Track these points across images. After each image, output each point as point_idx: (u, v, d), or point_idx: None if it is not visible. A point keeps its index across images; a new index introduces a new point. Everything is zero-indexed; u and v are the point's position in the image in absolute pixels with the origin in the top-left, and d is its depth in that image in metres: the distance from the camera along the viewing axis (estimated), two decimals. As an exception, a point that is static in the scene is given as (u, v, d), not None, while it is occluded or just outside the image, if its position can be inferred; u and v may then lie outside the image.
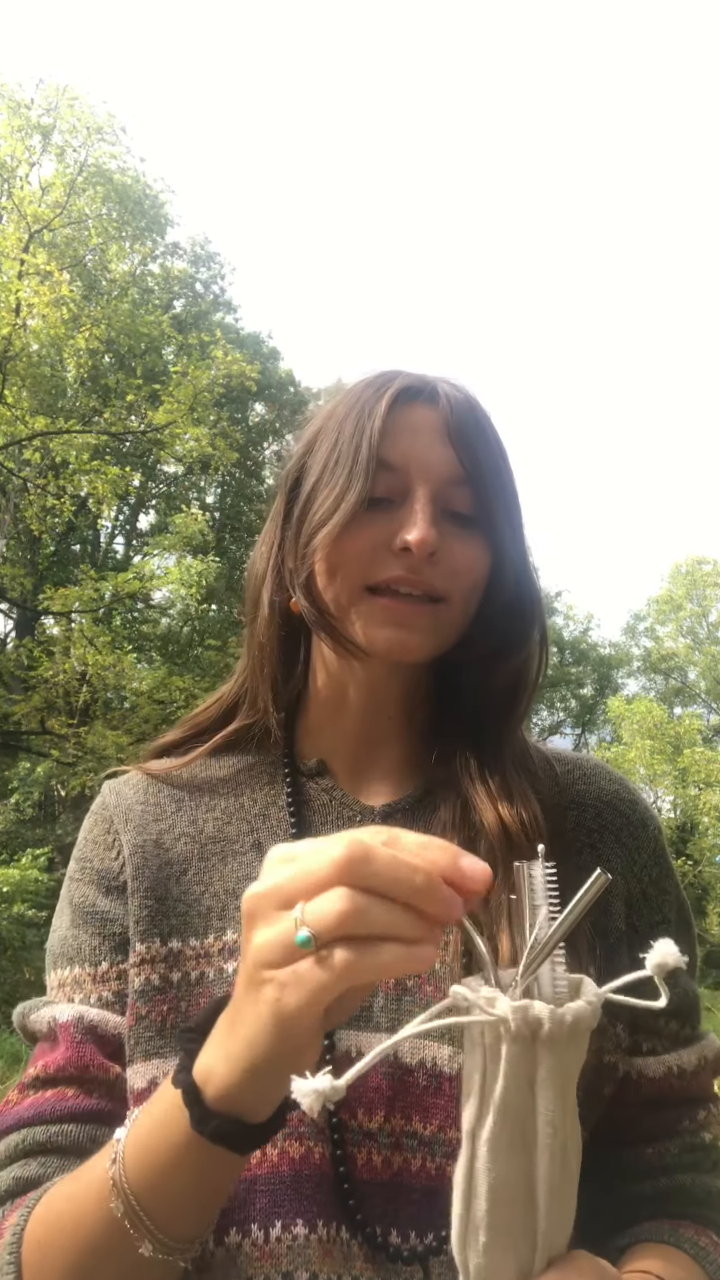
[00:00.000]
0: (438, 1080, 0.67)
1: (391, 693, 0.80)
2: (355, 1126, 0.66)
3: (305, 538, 0.76)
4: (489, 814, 0.73)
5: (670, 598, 28.59)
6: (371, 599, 0.73)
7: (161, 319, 14.38)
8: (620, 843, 0.79)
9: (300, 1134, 0.65)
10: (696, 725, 22.39)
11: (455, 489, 0.75)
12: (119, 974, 0.74)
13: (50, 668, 11.67)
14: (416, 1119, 0.67)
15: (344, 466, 0.74)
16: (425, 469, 0.74)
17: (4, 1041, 7.99)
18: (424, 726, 0.82)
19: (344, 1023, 0.68)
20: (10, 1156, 0.69)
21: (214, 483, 20.58)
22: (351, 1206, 0.64)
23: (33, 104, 12.41)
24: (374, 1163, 0.65)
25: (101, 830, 0.80)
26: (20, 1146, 0.69)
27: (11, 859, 11.32)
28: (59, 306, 11.23)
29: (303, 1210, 0.63)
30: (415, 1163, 0.66)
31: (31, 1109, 0.71)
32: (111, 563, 18.23)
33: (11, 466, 12.85)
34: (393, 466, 0.74)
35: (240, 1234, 0.63)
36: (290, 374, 20.66)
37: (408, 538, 0.71)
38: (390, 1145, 0.66)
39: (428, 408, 0.76)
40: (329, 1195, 0.64)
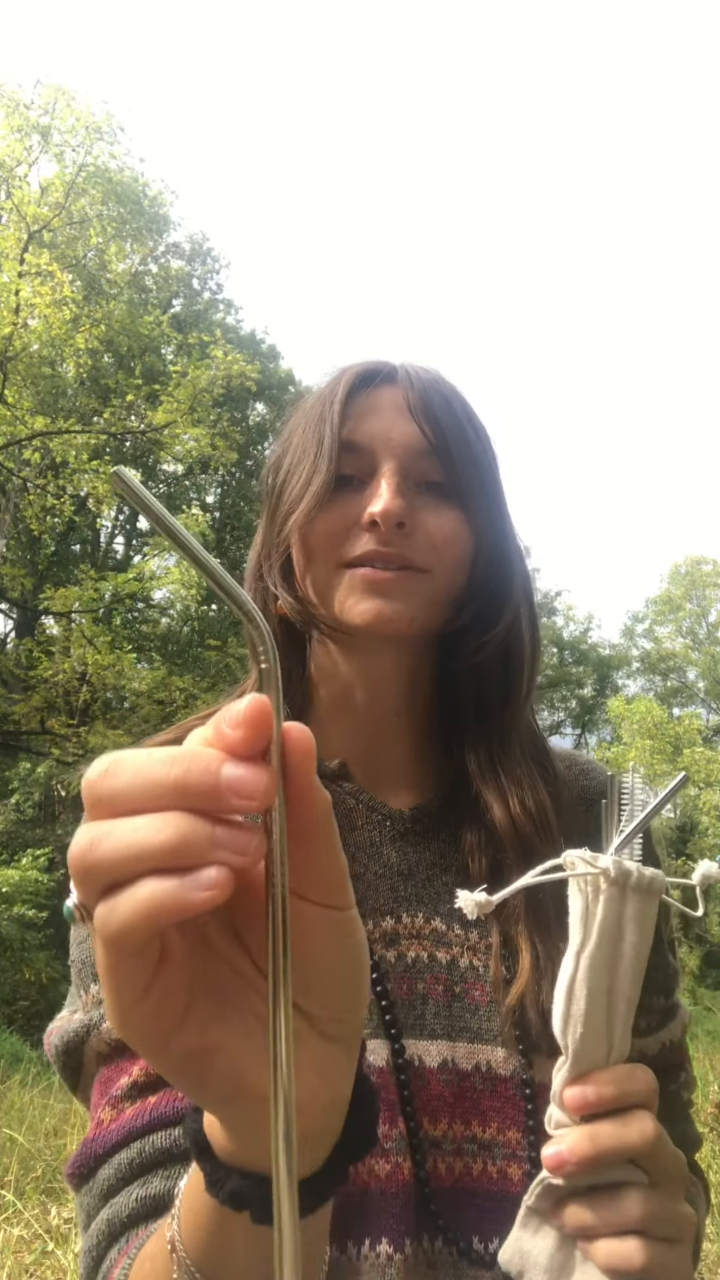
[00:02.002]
0: (494, 1083, 0.68)
1: (394, 685, 0.78)
2: (422, 1136, 0.66)
3: (278, 526, 0.77)
4: (498, 810, 0.73)
5: (669, 598, 28.60)
6: (346, 573, 0.73)
7: (161, 319, 14.39)
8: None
9: (386, 1151, 0.64)
10: (696, 725, 22.39)
11: (426, 460, 0.74)
12: None
13: (50, 668, 11.68)
14: (476, 1123, 0.67)
15: (309, 455, 0.75)
16: (389, 444, 0.74)
17: (4, 1041, 8.00)
18: (433, 723, 0.82)
19: (407, 1033, 0.69)
20: (126, 1176, 0.61)
21: (214, 483, 20.59)
22: (434, 1212, 0.64)
23: (31, 104, 12.42)
24: (439, 1170, 0.65)
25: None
26: (138, 1161, 0.62)
27: (11, 859, 11.33)
28: (60, 307, 11.24)
29: (387, 1229, 0.62)
30: (476, 1167, 0.66)
31: (140, 1117, 0.63)
32: (111, 563, 18.24)
33: (11, 466, 12.86)
34: (357, 447, 0.74)
35: (337, 1250, 0.61)
36: (290, 373, 20.68)
37: (373, 510, 0.71)
38: (453, 1152, 0.66)
39: (389, 387, 0.77)
40: (413, 1209, 0.63)
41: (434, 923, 0.74)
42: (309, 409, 0.79)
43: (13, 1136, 4.17)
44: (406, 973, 0.71)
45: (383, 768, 0.80)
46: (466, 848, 0.75)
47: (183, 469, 18.54)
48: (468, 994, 0.71)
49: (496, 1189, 0.66)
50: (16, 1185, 3.59)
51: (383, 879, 0.75)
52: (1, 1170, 3.76)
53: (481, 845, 0.74)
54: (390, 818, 0.77)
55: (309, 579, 0.75)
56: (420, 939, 0.73)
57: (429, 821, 0.78)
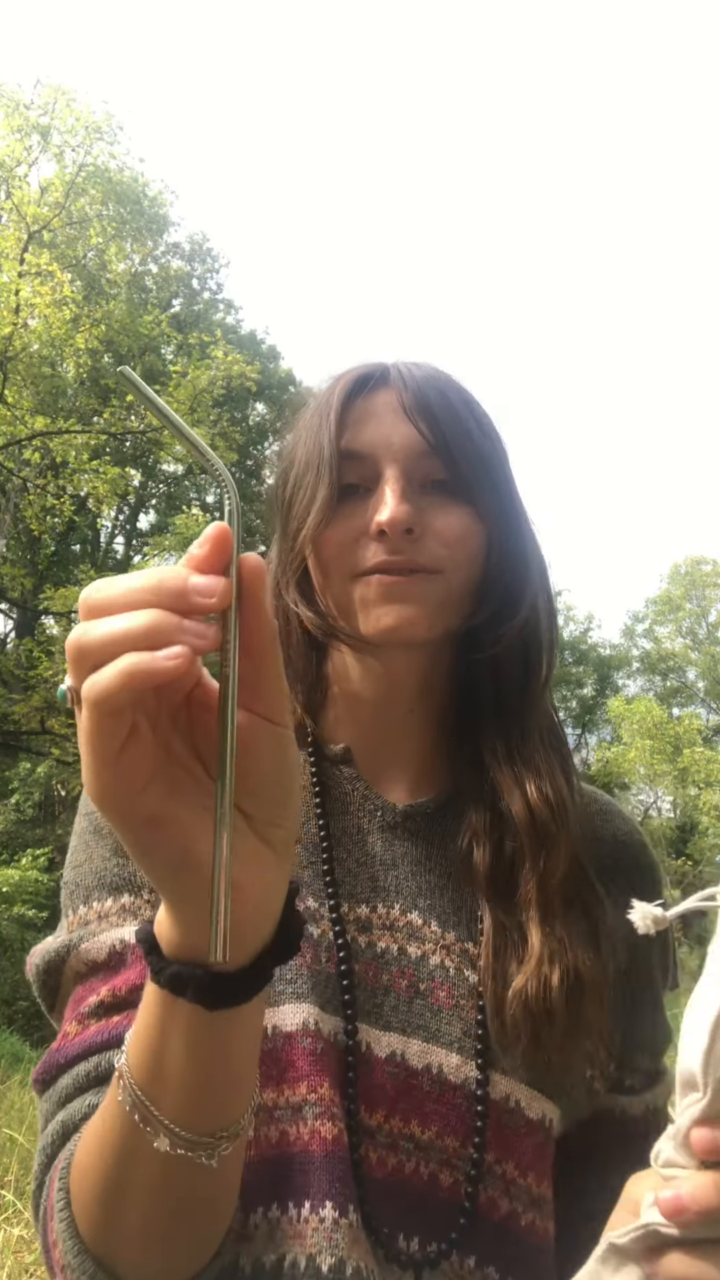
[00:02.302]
0: (441, 1087, 0.67)
1: (410, 685, 0.78)
2: (359, 1120, 0.66)
3: (290, 541, 0.77)
4: (516, 798, 0.73)
5: (669, 598, 28.60)
6: (361, 582, 0.73)
7: (161, 319, 14.38)
8: (631, 884, 0.79)
9: (332, 1115, 0.64)
10: (696, 725, 22.39)
11: (428, 460, 0.74)
12: None
13: (50, 668, 11.67)
14: (415, 1122, 0.66)
15: (312, 469, 0.74)
16: (389, 449, 0.73)
17: (4, 1041, 7.99)
18: (445, 719, 0.81)
19: (362, 1018, 0.69)
20: (81, 1086, 0.65)
21: (214, 483, 20.54)
22: (362, 1195, 0.64)
23: (31, 104, 12.42)
24: (370, 1159, 0.65)
25: None
26: (94, 1074, 0.65)
27: (12, 859, 11.33)
28: (60, 307, 11.23)
29: (332, 1193, 0.62)
30: (409, 1165, 0.66)
31: (101, 1034, 0.66)
32: (111, 563, 18.24)
33: (11, 466, 12.85)
34: (358, 454, 0.74)
35: (279, 1209, 0.62)
36: (290, 373, 20.67)
37: (379, 519, 0.71)
38: (386, 1145, 0.66)
39: (382, 391, 0.76)
40: (351, 1182, 0.64)
41: (410, 916, 0.73)
42: (308, 420, 0.78)
43: (13, 1136, 4.17)
44: (375, 961, 0.71)
45: (389, 761, 0.80)
46: (472, 833, 0.75)
47: (182, 469, 18.53)
48: (432, 993, 0.70)
49: (425, 1190, 0.65)
50: (16, 1185, 3.59)
51: (364, 866, 0.75)
52: (1, 1170, 3.77)
53: (489, 830, 0.74)
54: (382, 809, 0.77)
55: (328, 594, 0.75)
56: (393, 931, 0.73)
57: (421, 820, 0.78)
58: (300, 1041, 0.66)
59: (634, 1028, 0.76)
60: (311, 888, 0.73)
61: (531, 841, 0.71)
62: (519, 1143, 0.68)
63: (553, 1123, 0.70)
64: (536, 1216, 0.69)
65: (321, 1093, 0.65)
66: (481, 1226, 0.66)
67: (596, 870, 0.78)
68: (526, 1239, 0.68)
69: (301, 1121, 0.64)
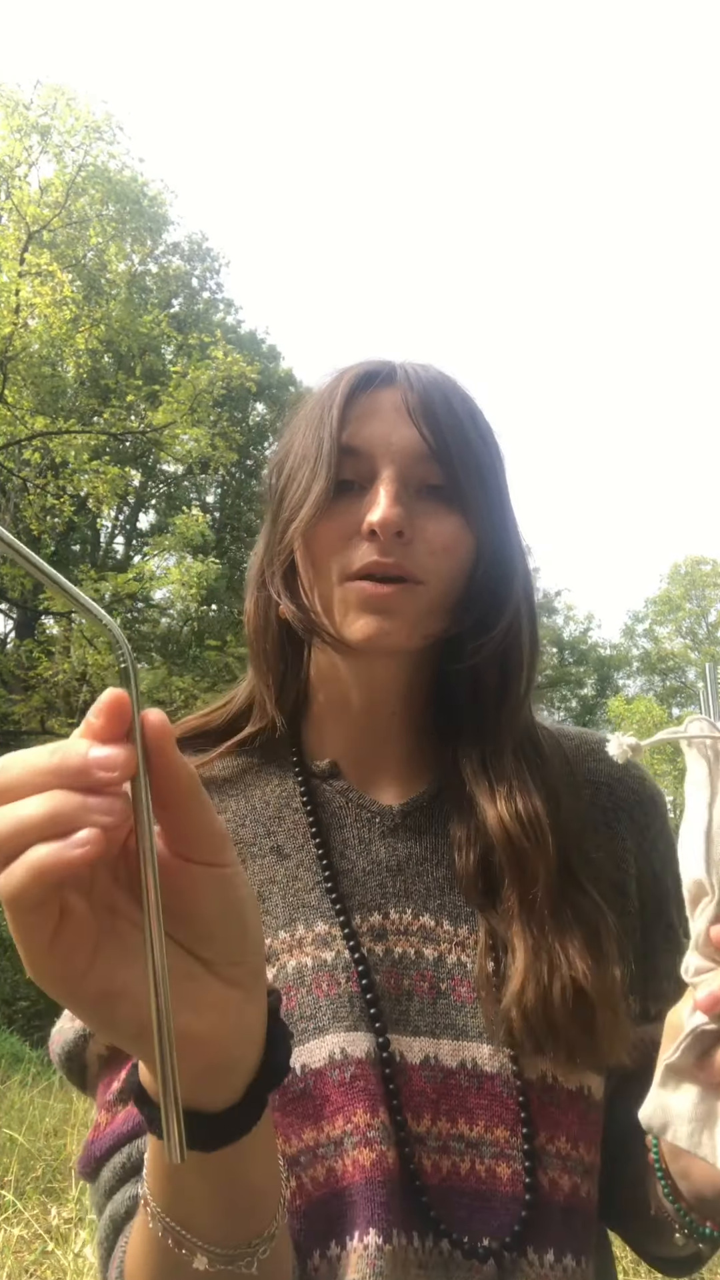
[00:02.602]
0: (479, 1080, 0.67)
1: (393, 688, 0.79)
2: (408, 1131, 0.66)
3: (279, 532, 0.76)
4: (490, 813, 0.73)
5: (669, 598, 28.60)
6: (347, 586, 0.72)
7: (160, 318, 14.39)
8: (633, 820, 0.79)
9: (370, 1140, 0.64)
10: (696, 725, 22.33)
11: (426, 465, 0.73)
12: None
13: (50, 668, 11.68)
14: (462, 1120, 0.66)
15: (309, 461, 0.73)
16: (388, 449, 0.73)
17: (4, 1041, 7.99)
18: (427, 721, 0.82)
19: (391, 1028, 0.68)
20: (121, 1177, 0.65)
21: (214, 483, 20.60)
22: (425, 1204, 0.63)
23: (31, 104, 12.42)
24: (424, 1167, 0.65)
25: None
26: (127, 1166, 0.65)
27: (11, 859, 11.32)
28: (60, 307, 11.24)
29: (375, 1220, 0.61)
30: (464, 1165, 0.65)
31: (128, 1122, 0.66)
32: (111, 563, 18.23)
33: (11, 466, 12.86)
34: (357, 451, 0.73)
35: (337, 1246, 0.62)
36: (290, 373, 20.67)
37: (371, 519, 0.70)
38: (439, 1149, 0.65)
39: (387, 389, 0.76)
40: (399, 1202, 0.63)
41: (422, 919, 0.73)
42: (308, 412, 0.78)
43: (13, 1136, 4.17)
44: (394, 968, 0.71)
45: (376, 765, 0.80)
46: (455, 842, 0.75)
47: (182, 469, 18.54)
48: (454, 991, 0.70)
49: (485, 1188, 0.65)
50: (16, 1185, 3.59)
51: (371, 875, 0.75)
52: (1, 1170, 3.77)
53: (470, 840, 0.74)
54: (380, 814, 0.77)
55: (315, 591, 0.74)
56: (408, 935, 0.72)
57: (420, 816, 0.77)
58: (329, 1075, 0.66)
59: (654, 959, 0.76)
60: (319, 910, 0.73)
61: (508, 856, 0.71)
62: (563, 1116, 0.67)
63: (592, 1091, 0.70)
64: (590, 1186, 0.69)
65: (356, 1121, 0.64)
66: (548, 1212, 0.65)
67: (599, 813, 0.77)
68: (586, 1210, 0.68)
69: (344, 1154, 0.64)
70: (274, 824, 0.78)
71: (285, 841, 0.76)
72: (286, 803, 0.79)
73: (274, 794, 0.80)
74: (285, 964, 0.70)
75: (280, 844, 0.76)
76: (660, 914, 0.78)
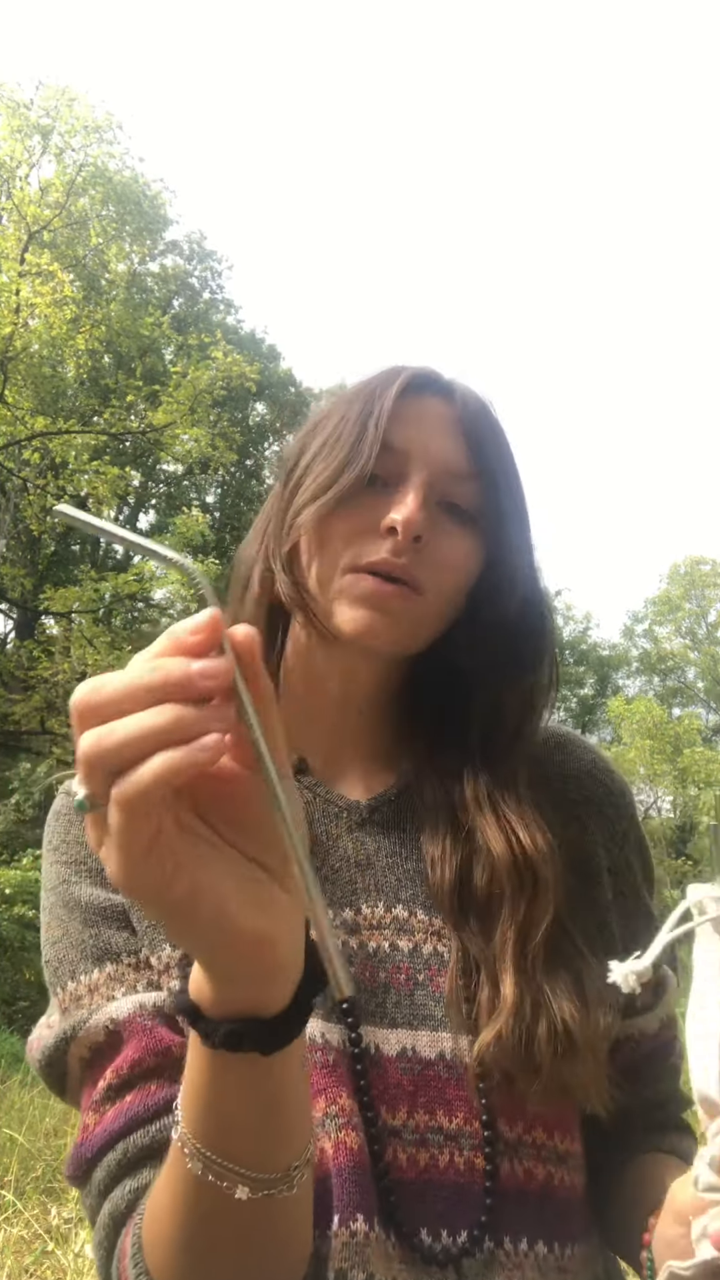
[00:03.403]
0: (458, 1071, 0.67)
1: (366, 684, 0.79)
2: (382, 1124, 0.65)
3: (294, 511, 0.75)
4: (498, 843, 0.72)
5: (668, 598, 28.62)
6: (351, 577, 0.72)
7: (161, 319, 14.39)
8: (602, 814, 0.79)
9: (353, 1124, 0.64)
10: (696, 725, 22.42)
11: (459, 482, 0.74)
12: (165, 964, 0.71)
13: (50, 668, 11.69)
14: (440, 1113, 0.66)
15: (345, 444, 0.73)
16: (427, 455, 0.73)
17: (4, 1041, 8.00)
18: (400, 720, 0.82)
19: (366, 1020, 0.68)
20: (116, 1175, 0.65)
21: (214, 483, 20.60)
22: (392, 1202, 0.63)
23: (32, 104, 12.43)
24: (400, 1160, 0.64)
25: (84, 829, 0.76)
26: (123, 1162, 0.64)
27: (12, 859, 11.32)
28: (60, 307, 11.24)
29: (361, 1204, 0.61)
30: (443, 1158, 0.65)
31: (117, 1120, 0.66)
32: (111, 563, 18.23)
33: (11, 466, 12.86)
34: (395, 449, 0.73)
35: (318, 1230, 0.61)
36: (290, 373, 20.68)
37: (394, 517, 0.70)
38: (416, 1142, 0.65)
39: (440, 400, 0.76)
40: (373, 1191, 0.63)
41: (395, 910, 0.73)
42: (348, 398, 0.77)
43: (13, 1136, 4.17)
44: (369, 961, 0.71)
45: (345, 760, 0.80)
46: (429, 857, 0.74)
47: (182, 469, 18.55)
48: (431, 981, 0.70)
49: (463, 1180, 0.65)
50: (16, 1185, 3.59)
51: (340, 871, 0.75)
52: (1, 1170, 3.77)
53: (445, 856, 0.73)
54: (347, 809, 0.77)
55: (314, 570, 0.74)
56: (381, 929, 0.72)
57: (386, 811, 0.77)
58: (311, 1056, 0.65)
59: (633, 947, 0.76)
60: None
61: (515, 888, 0.70)
62: (539, 1107, 0.67)
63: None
64: (567, 1173, 0.69)
65: (342, 1103, 0.64)
66: (516, 1202, 0.65)
67: (567, 806, 0.78)
68: (566, 1197, 0.68)
69: (325, 1136, 0.63)
70: None
71: None
72: None
73: None
74: None
75: None
76: (638, 903, 0.79)
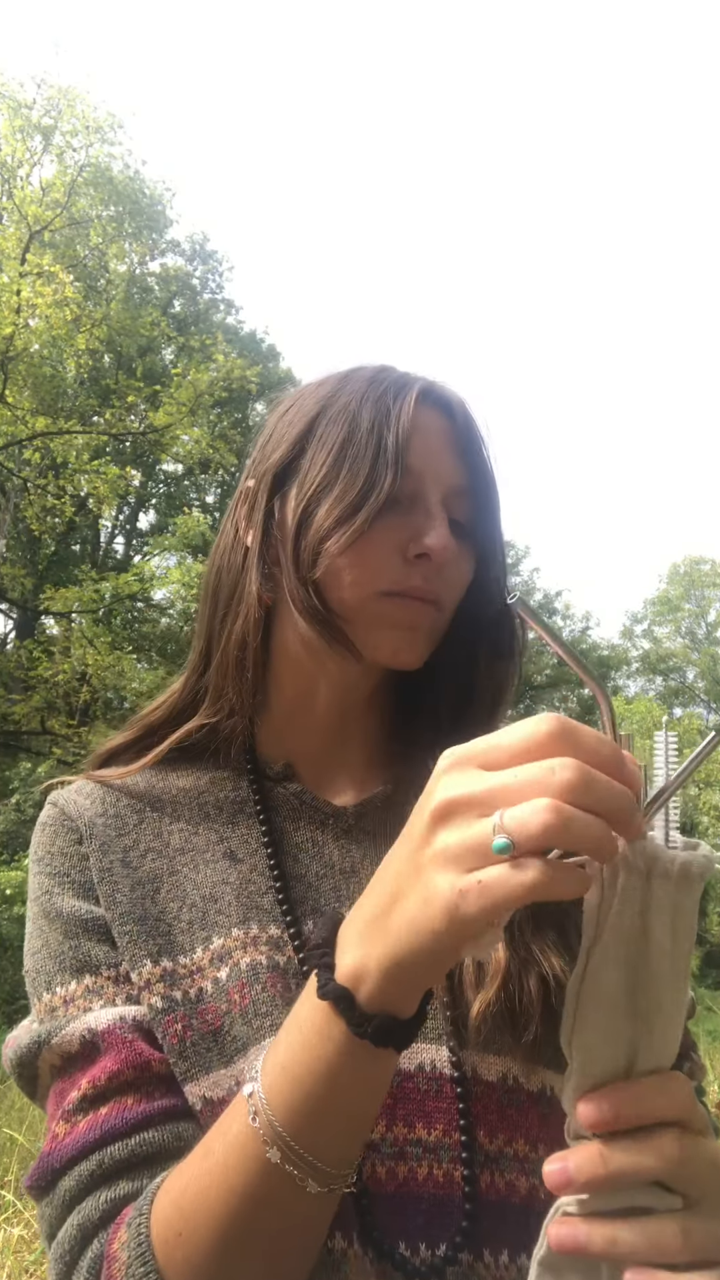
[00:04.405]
0: (438, 1083, 0.66)
1: (361, 692, 0.79)
2: None
3: (315, 535, 0.72)
4: None
5: (667, 598, 28.62)
6: (386, 601, 0.72)
7: (161, 320, 14.40)
8: None
9: None
10: (696, 725, 22.42)
11: (457, 499, 0.75)
12: (136, 989, 0.70)
13: (50, 668, 11.69)
14: (420, 1125, 0.65)
15: (364, 464, 0.71)
16: (438, 475, 0.74)
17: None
18: (388, 723, 0.82)
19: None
20: (88, 1186, 0.62)
21: (214, 483, 20.60)
22: (369, 1219, 0.62)
23: (34, 104, 12.44)
24: (379, 1174, 0.63)
25: (69, 842, 0.76)
26: (97, 1173, 0.62)
27: (12, 859, 11.33)
28: (61, 307, 11.24)
29: (339, 1222, 0.60)
30: (421, 1171, 0.64)
31: (93, 1130, 0.64)
32: (111, 563, 18.24)
33: (11, 466, 12.87)
34: (411, 469, 0.73)
35: None
36: (290, 373, 20.68)
37: (429, 543, 0.71)
38: (394, 1155, 0.64)
39: (438, 412, 0.76)
40: (352, 1209, 0.62)
41: None
42: (351, 406, 0.74)
43: (13, 1136, 4.17)
44: None
45: (333, 767, 0.80)
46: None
47: (182, 469, 18.55)
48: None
49: (442, 1192, 0.63)
50: (16, 1185, 3.59)
51: (324, 879, 0.74)
52: (1, 1170, 3.77)
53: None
54: (333, 815, 0.77)
55: (339, 595, 0.73)
56: None
57: (374, 818, 0.77)
58: None
59: None
60: (271, 915, 0.72)
61: None
62: (522, 1118, 0.66)
63: (554, 1091, 0.68)
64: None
65: None
66: (496, 1214, 0.64)
67: None
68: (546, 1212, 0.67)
69: None
70: (227, 829, 0.77)
71: (238, 846, 0.76)
72: (240, 807, 0.78)
73: (228, 799, 0.79)
74: (239, 961, 0.69)
75: (233, 849, 0.76)
76: None
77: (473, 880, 0.42)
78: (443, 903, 0.43)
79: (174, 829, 0.77)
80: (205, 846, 0.76)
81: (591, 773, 0.41)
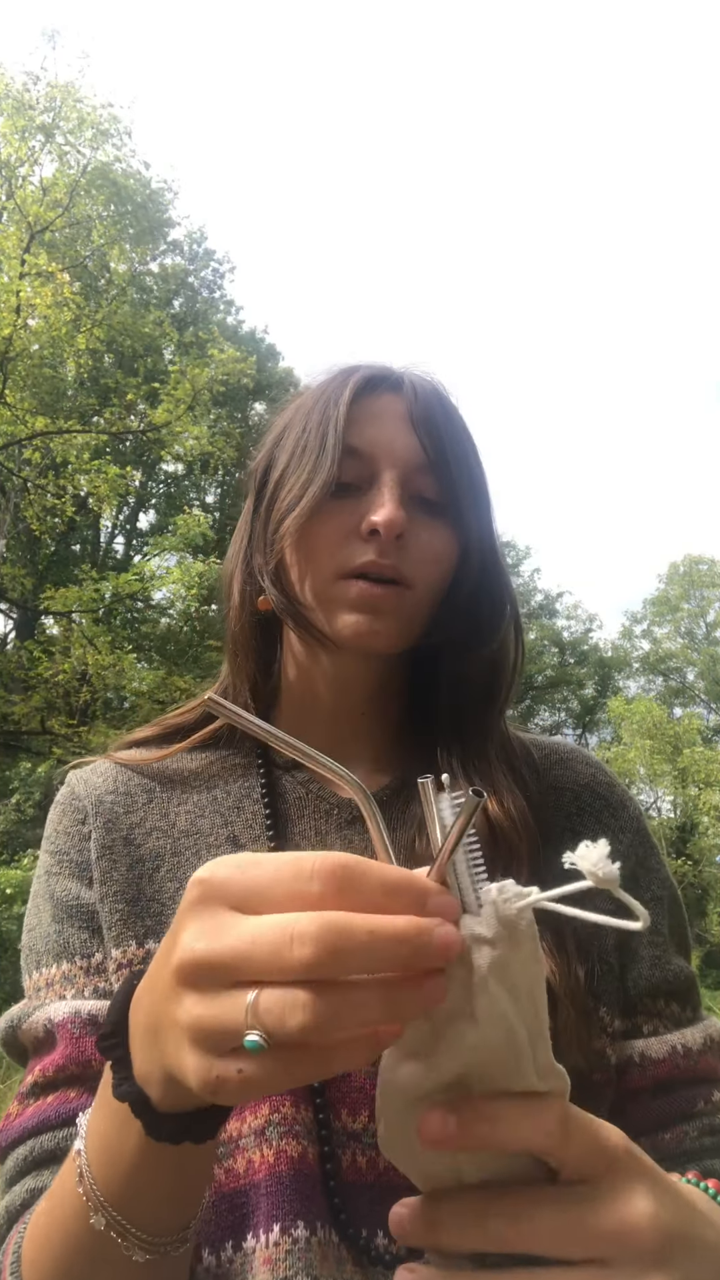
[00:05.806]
0: None
1: (362, 687, 0.80)
2: (340, 1128, 0.65)
3: (273, 526, 0.76)
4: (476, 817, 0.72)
5: (667, 598, 28.61)
6: (343, 584, 0.73)
7: (161, 319, 14.39)
8: (601, 824, 0.78)
9: (296, 1133, 0.63)
10: (696, 725, 22.40)
11: (422, 475, 0.75)
12: (117, 965, 0.71)
13: (50, 668, 11.68)
14: None
15: (310, 454, 0.74)
16: (391, 454, 0.74)
17: (4, 1041, 7.99)
18: (398, 720, 0.83)
19: None
20: (21, 1170, 0.66)
21: (214, 483, 20.60)
22: (336, 1206, 0.63)
23: (36, 103, 12.43)
24: (359, 1164, 0.64)
25: (74, 821, 0.78)
26: (29, 1159, 0.66)
27: (12, 859, 11.33)
28: (61, 307, 11.24)
29: (303, 1211, 0.61)
30: None
31: (34, 1117, 0.67)
32: (111, 563, 18.24)
33: (11, 466, 12.86)
34: (359, 453, 0.74)
35: (253, 1238, 0.62)
36: (289, 372, 20.67)
37: (375, 519, 0.71)
38: (374, 1146, 0.64)
39: (393, 395, 0.77)
40: (321, 1196, 0.63)
41: None
42: (307, 406, 0.78)
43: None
44: None
45: (345, 761, 0.80)
46: (414, 822, 0.75)
47: (183, 469, 18.55)
48: None
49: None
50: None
51: None
52: (1, 1170, 3.76)
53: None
54: (338, 806, 0.78)
55: (301, 583, 0.75)
56: None
57: (378, 809, 0.77)
58: None
59: (637, 966, 0.74)
60: None
61: (489, 846, 0.70)
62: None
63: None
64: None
65: (285, 1111, 0.64)
66: None
67: (563, 819, 0.77)
68: None
69: (266, 1144, 0.63)
70: (232, 814, 0.78)
71: (241, 832, 0.77)
72: (247, 794, 0.79)
73: (236, 786, 0.80)
74: None
75: (236, 834, 0.77)
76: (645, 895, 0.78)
77: (231, 1070, 0.36)
78: (199, 1083, 0.37)
79: (180, 810, 0.79)
80: (210, 830, 0.77)
81: (350, 937, 0.34)
